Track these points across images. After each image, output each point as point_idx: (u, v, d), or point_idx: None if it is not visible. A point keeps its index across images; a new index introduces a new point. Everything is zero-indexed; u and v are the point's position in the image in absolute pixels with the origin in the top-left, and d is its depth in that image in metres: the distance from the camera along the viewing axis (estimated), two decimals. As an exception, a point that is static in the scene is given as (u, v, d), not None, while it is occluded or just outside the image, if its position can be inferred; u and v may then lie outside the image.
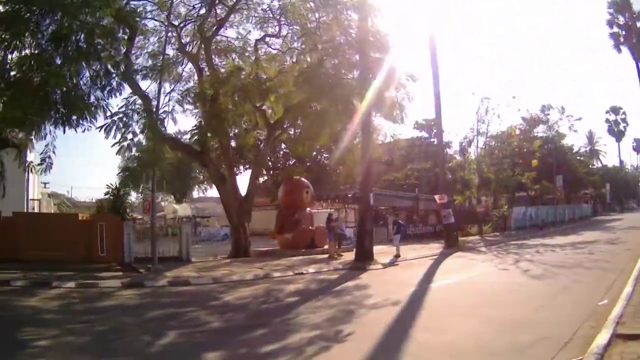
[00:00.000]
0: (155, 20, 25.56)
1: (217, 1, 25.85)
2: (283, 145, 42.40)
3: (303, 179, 32.76)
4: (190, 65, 27.51)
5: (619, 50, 50.44)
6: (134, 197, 36.27)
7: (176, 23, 26.03)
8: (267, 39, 27.43)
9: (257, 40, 27.13)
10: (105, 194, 27.29)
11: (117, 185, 26.13)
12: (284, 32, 26.60)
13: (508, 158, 47.23)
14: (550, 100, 72.54)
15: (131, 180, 23.40)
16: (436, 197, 31.83)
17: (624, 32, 49.81)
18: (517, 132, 51.76)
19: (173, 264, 21.71)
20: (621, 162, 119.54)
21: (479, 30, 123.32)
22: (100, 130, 20.03)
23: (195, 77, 27.50)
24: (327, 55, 23.25)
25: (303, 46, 25.54)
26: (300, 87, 23.22)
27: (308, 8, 24.42)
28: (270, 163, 47.57)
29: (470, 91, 78.56)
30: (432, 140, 49.15)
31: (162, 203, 67.50)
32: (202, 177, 62.32)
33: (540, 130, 63.60)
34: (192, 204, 61.64)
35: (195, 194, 76.71)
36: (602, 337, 8.06)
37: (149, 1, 24.75)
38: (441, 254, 26.35)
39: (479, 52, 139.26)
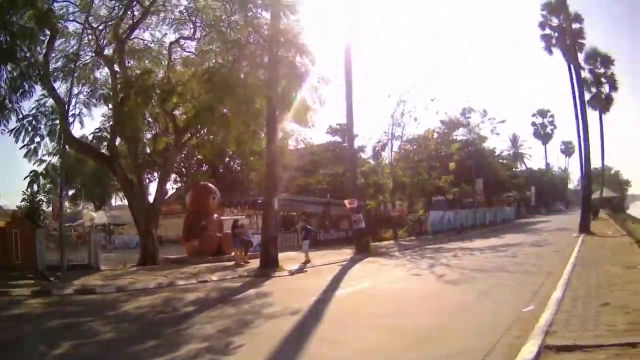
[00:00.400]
0: (77, 22, 25.28)
1: (134, 3, 25.47)
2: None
3: (210, 185, 32.92)
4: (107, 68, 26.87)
5: (551, 53, 51.23)
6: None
7: (95, 25, 25.67)
8: (182, 41, 27.12)
9: (171, 43, 26.97)
10: (22, 200, 26.40)
11: (28, 191, 25.46)
12: (198, 35, 26.29)
13: (424, 162, 47.49)
14: (479, 104, 73.35)
15: (36, 184, 22.67)
16: (346, 202, 31.90)
17: (556, 34, 50.56)
18: (435, 135, 51.85)
19: (83, 272, 21.52)
20: (547, 164, 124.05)
21: (401, 32, 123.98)
22: (10, 134, 19.35)
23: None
24: (235, 55, 23.29)
25: (216, 48, 25.05)
26: (204, 87, 23.47)
27: (221, 8, 24.36)
28: (184, 169, 47.49)
29: (390, 93, 79.04)
30: (346, 145, 49.07)
31: (84, 210, 65.81)
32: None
33: (460, 134, 64.49)
34: (108, 212, 60.43)
35: (114, 201, 76.10)
36: (529, 349, 7.41)
37: (71, 3, 24.61)
38: (351, 260, 26.29)
39: (400, 54, 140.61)
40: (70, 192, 66.94)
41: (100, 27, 25.82)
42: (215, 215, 30.77)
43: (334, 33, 33.21)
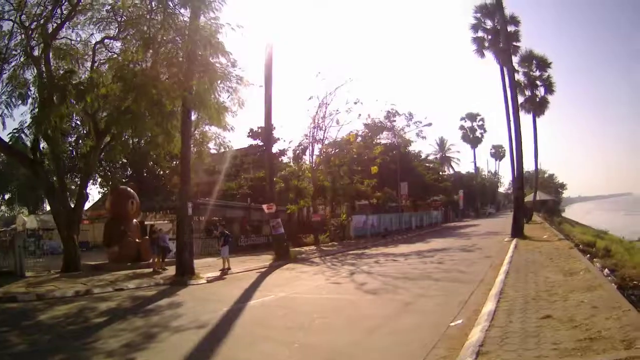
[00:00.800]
0: (11, 20, 24.56)
1: (63, 0, 24.45)
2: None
3: (129, 189, 31.72)
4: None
5: (482, 55, 51.74)
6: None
7: (27, 24, 24.81)
8: (107, 41, 25.89)
9: (96, 43, 25.87)
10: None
11: None
12: (123, 35, 24.96)
13: (345, 165, 46.58)
14: (406, 108, 73.42)
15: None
16: (264, 206, 31.42)
17: (489, 37, 51.02)
18: (359, 139, 51.41)
19: (7, 279, 20.97)
20: (476, 168, 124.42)
21: (326, 33, 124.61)
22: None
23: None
24: (151, 53, 22.64)
25: (133, 47, 24.11)
26: (118, 87, 22.68)
27: (143, 5, 23.38)
28: (109, 173, 46.29)
29: (312, 95, 78.04)
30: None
31: (18, 215, 64.97)
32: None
33: (385, 137, 64.27)
34: (39, 216, 58.97)
35: (47, 206, 74.48)
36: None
37: (7, 1, 24.02)
38: (270, 267, 25.84)
39: (325, 55, 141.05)
40: (7, 196, 66.72)
41: (32, 26, 24.93)
42: (135, 221, 30.05)
43: (256, 34, 32.72)
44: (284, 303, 14.97)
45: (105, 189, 48.49)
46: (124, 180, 43.65)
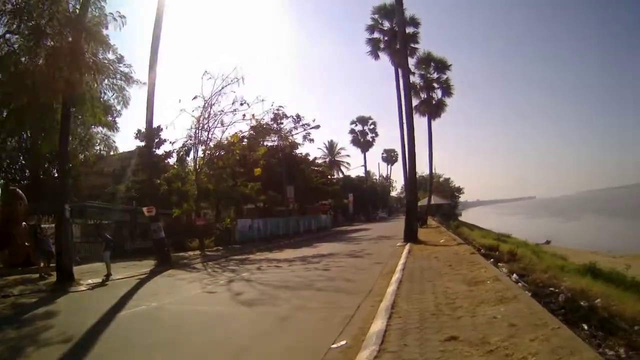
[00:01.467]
0: None
1: None
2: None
3: (18, 190, 29.62)
4: None
5: (377, 57, 52.00)
6: None
7: None
8: (8, 35, 24.36)
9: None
10: None
11: None
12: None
13: (229, 168, 45.29)
14: (305, 112, 72.07)
15: None
16: (144, 209, 30.06)
17: (386, 38, 50.96)
18: (244, 141, 49.60)
19: None
20: (367, 172, 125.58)
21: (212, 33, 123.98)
22: None
23: None
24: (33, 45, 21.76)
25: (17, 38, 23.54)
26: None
27: None
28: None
29: (196, 95, 75.39)
30: (155, 150, 46.21)
31: None
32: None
33: (272, 140, 62.81)
34: None
35: None
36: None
37: None
38: (151, 273, 24.63)
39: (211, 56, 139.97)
40: None
41: None
42: (24, 224, 28.13)
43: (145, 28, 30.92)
44: (154, 315, 13.93)
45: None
46: (22, 182, 41.02)
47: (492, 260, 20.69)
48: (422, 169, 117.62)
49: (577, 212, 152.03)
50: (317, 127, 63.22)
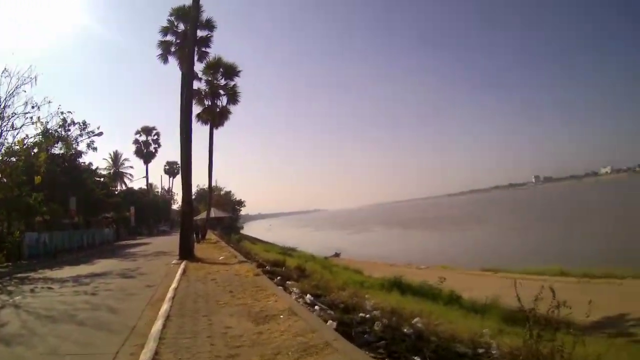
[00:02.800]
0: None
1: None
2: None
3: None
4: None
5: (166, 61, 50.59)
6: None
7: None
8: None
9: None
10: None
11: None
12: None
13: (14, 175, 41.56)
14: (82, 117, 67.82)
15: None
16: None
17: (178, 41, 50.10)
18: (35, 148, 46.14)
19: None
20: (149, 184, 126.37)
21: None
22: None
23: None
24: None
25: None
26: None
27: None
28: None
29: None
30: None
31: None
32: None
33: (58, 147, 59.34)
34: None
35: None
36: None
37: None
38: None
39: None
40: None
41: None
42: None
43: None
44: None
45: None
46: None
47: (279, 277, 19.19)
48: (203, 180, 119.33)
49: (367, 224, 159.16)
50: (100, 134, 60.11)
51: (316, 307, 12.44)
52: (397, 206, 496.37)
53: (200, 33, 48.54)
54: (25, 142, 43.48)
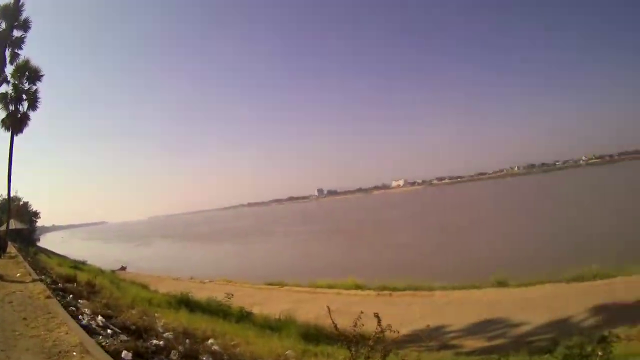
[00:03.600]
0: None
1: None
2: None
3: None
4: None
5: None
6: None
7: None
8: None
9: None
10: None
11: None
12: None
13: None
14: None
15: None
16: None
17: None
18: None
19: None
20: None
21: None
22: None
23: None
24: None
25: None
26: None
27: None
28: None
29: None
30: None
31: None
32: None
33: None
34: None
35: None
36: None
37: None
38: None
39: None
40: None
41: None
42: None
43: None
44: None
45: None
46: None
47: (71, 296, 17.20)
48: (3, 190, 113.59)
49: (150, 238, 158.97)
50: None
51: (109, 331, 11.30)
52: (186, 218, 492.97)
53: (16, 33, 47.06)
54: None
